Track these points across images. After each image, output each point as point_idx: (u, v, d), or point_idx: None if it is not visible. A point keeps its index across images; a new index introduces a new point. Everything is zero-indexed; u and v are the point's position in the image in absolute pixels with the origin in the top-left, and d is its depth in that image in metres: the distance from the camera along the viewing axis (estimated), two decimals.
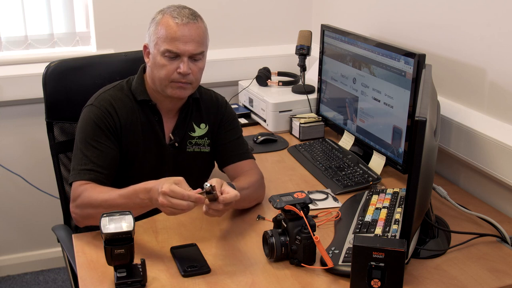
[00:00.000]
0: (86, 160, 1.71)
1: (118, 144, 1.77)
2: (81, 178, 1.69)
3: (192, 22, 1.70)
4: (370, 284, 1.35)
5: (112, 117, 1.75)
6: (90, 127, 1.74)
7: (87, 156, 1.71)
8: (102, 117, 1.74)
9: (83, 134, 1.75)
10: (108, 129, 1.74)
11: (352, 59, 2.22)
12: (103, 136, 1.73)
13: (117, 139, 1.76)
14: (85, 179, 1.68)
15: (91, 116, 1.75)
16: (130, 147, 1.79)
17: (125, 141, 1.78)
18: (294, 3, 2.99)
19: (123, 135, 1.77)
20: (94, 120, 1.74)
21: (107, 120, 1.75)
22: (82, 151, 1.73)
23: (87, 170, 1.70)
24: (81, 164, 1.71)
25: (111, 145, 1.75)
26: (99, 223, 1.37)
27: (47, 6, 2.66)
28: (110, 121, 1.75)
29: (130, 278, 1.40)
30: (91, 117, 1.75)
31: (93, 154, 1.71)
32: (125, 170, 1.80)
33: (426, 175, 1.45)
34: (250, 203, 1.81)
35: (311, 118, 2.48)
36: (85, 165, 1.70)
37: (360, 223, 1.66)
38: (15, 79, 2.57)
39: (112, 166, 1.75)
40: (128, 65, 2.03)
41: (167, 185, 1.46)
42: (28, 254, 2.93)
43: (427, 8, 2.12)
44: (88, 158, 1.71)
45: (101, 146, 1.73)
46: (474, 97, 1.95)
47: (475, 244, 1.63)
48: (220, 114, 1.91)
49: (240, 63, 2.89)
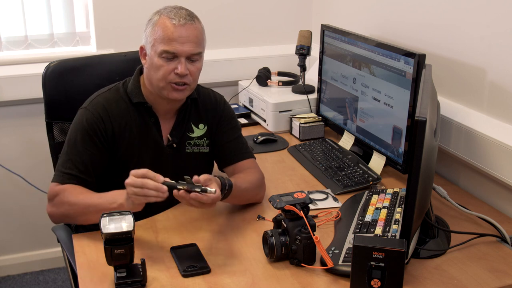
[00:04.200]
0: (70, 164, 1.73)
1: (110, 149, 1.77)
2: (62, 181, 1.72)
3: (189, 23, 1.69)
4: (370, 284, 1.35)
5: (103, 122, 1.76)
6: (79, 132, 1.75)
7: (72, 161, 1.73)
8: (93, 122, 1.75)
9: (72, 137, 1.76)
10: (97, 135, 1.75)
11: (352, 59, 2.22)
12: (91, 142, 1.74)
13: (108, 145, 1.77)
14: (65, 183, 1.71)
15: (83, 120, 1.76)
16: (124, 150, 1.79)
17: (119, 144, 1.78)
18: (294, 3, 2.99)
19: (116, 139, 1.77)
20: (84, 125, 1.75)
21: (98, 126, 1.75)
22: (68, 154, 1.74)
23: (69, 174, 1.72)
24: (65, 167, 1.73)
25: (98, 152, 1.75)
26: (75, 221, 1.42)
27: (47, 6, 2.66)
28: (101, 127, 1.75)
29: (130, 278, 1.40)
30: (82, 122, 1.76)
31: (78, 160, 1.73)
32: (121, 173, 1.80)
33: (426, 175, 1.45)
34: (248, 201, 1.82)
35: (311, 118, 2.48)
36: (69, 169, 1.72)
37: (360, 223, 1.66)
38: (15, 79, 2.57)
39: (96, 172, 1.76)
40: (127, 66, 2.03)
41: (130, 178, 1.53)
42: (28, 254, 2.93)
43: (427, 8, 2.12)
44: (72, 163, 1.73)
45: (87, 152, 1.74)
46: (474, 97, 1.95)
47: (475, 244, 1.63)
48: (218, 113, 1.91)
49: (240, 63, 2.89)
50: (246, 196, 1.79)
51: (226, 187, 1.63)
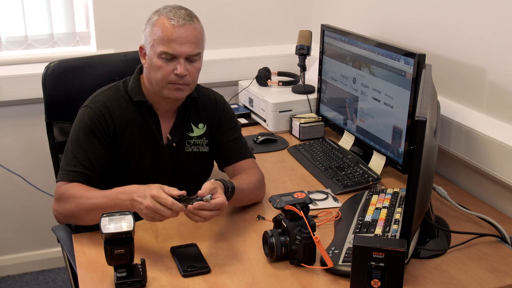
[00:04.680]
0: (75, 162, 1.72)
1: (112, 147, 1.77)
2: (69, 179, 1.70)
3: (188, 23, 1.69)
4: (370, 284, 1.35)
5: (105, 120, 1.76)
6: (82, 129, 1.75)
7: (77, 158, 1.72)
8: (96, 119, 1.75)
9: (75, 135, 1.76)
10: (100, 132, 1.75)
11: (352, 59, 2.22)
12: (94, 139, 1.74)
13: (110, 142, 1.77)
14: (72, 181, 1.70)
15: (85, 118, 1.76)
16: (126, 148, 1.79)
17: (120, 142, 1.78)
18: (294, 3, 2.99)
19: (117, 137, 1.77)
20: (87, 122, 1.75)
21: (100, 123, 1.75)
22: (72, 152, 1.74)
23: (75, 172, 1.71)
24: (70, 165, 1.72)
25: (102, 149, 1.75)
26: (79, 220, 1.41)
27: (47, 6, 2.66)
28: (103, 124, 1.75)
29: (130, 278, 1.40)
30: (84, 119, 1.76)
31: (83, 157, 1.72)
32: (122, 172, 1.80)
33: (426, 175, 1.45)
34: (249, 202, 1.82)
35: (311, 118, 2.48)
36: (74, 166, 1.72)
37: (360, 223, 1.66)
38: (15, 79, 2.57)
39: (101, 169, 1.76)
40: (127, 66, 2.03)
41: (157, 189, 1.49)
42: (28, 254, 2.93)
43: (427, 8, 2.12)
44: (77, 160, 1.72)
45: (92, 149, 1.73)
46: (474, 97, 1.95)
47: (475, 244, 1.63)
48: (218, 113, 1.91)
49: (240, 63, 2.89)
50: (247, 198, 1.79)
51: (229, 190, 1.63)
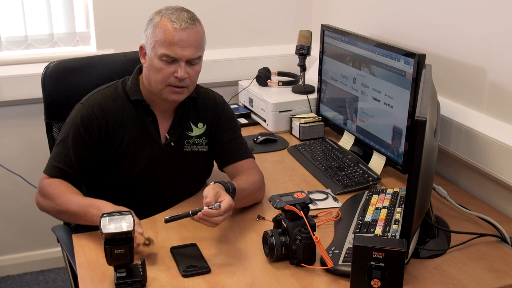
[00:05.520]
0: (59, 158, 1.76)
1: (103, 147, 1.78)
2: (50, 174, 1.76)
3: (190, 27, 1.69)
4: (370, 284, 1.35)
5: (97, 120, 1.76)
6: (72, 128, 1.76)
7: (61, 154, 1.76)
8: (87, 121, 1.75)
9: (65, 132, 1.78)
10: (90, 134, 1.75)
11: (352, 59, 2.22)
12: (81, 141, 1.75)
13: (101, 143, 1.77)
14: (54, 176, 1.75)
15: (77, 118, 1.77)
16: (119, 146, 1.79)
17: (113, 141, 1.78)
18: (294, 3, 2.99)
19: (110, 136, 1.78)
20: (78, 122, 1.76)
21: (91, 124, 1.75)
22: (60, 147, 1.77)
23: (57, 168, 1.75)
24: (55, 160, 1.76)
25: (87, 150, 1.76)
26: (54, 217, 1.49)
27: (47, 6, 2.66)
28: (94, 125, 1.76)
29: (130, 278, 1.40)
30: (76, 119, 1.77)
31: (68, 154, 1.75)
32: (116, 170, 1.80)
33: (426, 175, 1.45)
34: (249, 202, 1.82)
35: (311, 118, 2.48)
36: (58, 162, 1.75)
37: (360, 223, 1.66)
38: (15, 79, 2.57)
39: (85, 169, 1.78)
40: (127, 66, 2.03)
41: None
42: (28, 254, 2.93)
43: (427, 8, 2.12)
44: (61, 157, 1.75)
45: (77, 150, 1.75)
46: (474, 97, 1.95)
47: (475, 244, 1.63)
48: (218, 113, 1.91)
49: (240, 63, 2.89)
50: (247, 198, 1.79)
51: (230, 191, 1.63)
